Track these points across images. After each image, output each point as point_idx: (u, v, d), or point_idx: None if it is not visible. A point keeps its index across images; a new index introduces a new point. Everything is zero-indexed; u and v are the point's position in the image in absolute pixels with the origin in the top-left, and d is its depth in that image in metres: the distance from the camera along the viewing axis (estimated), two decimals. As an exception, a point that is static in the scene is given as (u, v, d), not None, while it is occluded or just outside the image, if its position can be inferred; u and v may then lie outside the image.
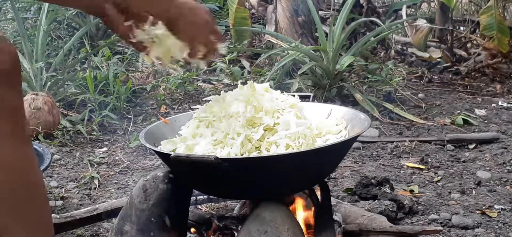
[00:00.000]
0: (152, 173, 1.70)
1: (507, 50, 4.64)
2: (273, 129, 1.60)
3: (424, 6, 6.21)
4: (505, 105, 4.04)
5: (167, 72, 4.36)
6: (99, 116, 3.53)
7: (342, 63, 3.77)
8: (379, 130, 3.44)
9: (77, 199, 2.50)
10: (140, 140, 1.68)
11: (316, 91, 3.84)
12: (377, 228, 1.86)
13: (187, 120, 1.82)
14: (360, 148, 3.12)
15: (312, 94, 2.18)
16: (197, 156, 1.46)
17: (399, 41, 5.56)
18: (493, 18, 4.57)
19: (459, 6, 5.72)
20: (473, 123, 3.57)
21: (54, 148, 3.13)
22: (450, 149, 3.11)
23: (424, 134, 3.39)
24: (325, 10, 5.31)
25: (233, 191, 1.65)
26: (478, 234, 2.12)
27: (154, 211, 1.64)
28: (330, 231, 1.68)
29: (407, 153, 3.06)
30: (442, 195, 2.49)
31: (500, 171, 2.78)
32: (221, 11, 5.73)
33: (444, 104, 4.02)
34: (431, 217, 2.25)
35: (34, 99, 3.24)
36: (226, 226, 1.80)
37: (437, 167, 2.85)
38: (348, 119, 1.80)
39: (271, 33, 4.58)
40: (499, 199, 2.44)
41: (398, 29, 5.66)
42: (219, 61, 4.43)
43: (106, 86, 3.86)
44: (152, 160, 2.99)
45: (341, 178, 2.69)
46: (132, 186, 2.64)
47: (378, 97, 3.93)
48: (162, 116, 3.00)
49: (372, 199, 2.32)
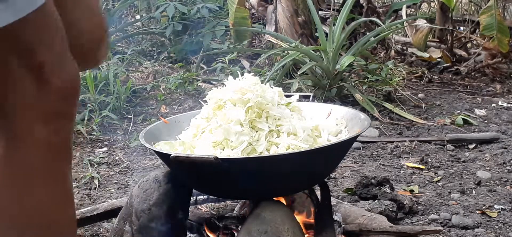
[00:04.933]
0: (152, 173, 1.71)
1: (507, 50, 4.64)
2: (274, 130, 1.60)
3: (424, 6, 6.22)
4: (505, 105, 4.04)
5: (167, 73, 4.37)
6: (99, 116, 3.53)
7: (342, 63, 3.77)
8: (379, 130, 3.43)
9: (77, 199, 2.50)
10: (140, 140, 1.68)
11: (316, 91, 3.84)
12: (377, 228, 1.86)
13: (187, 119, 1.82)
14: (360, 148, 3.12)
15: (312, 94, 2.18)
16: (197, 156, 1.46)
17: (399, 41, 5.56)
18: (493, 18, 4.57)
19: (459, 6, 5.72)
20: (473, 123, 3.57)
21: (54, 148, 3.13)
22: (450, 149, 3.11)
23: (424, 134, 3.39)
24: (325, 10, 5.31)
25: (233, 191, 1.65)
26: (478, 234, 2.12)
27: (154, 211, 1.64)
28: (330, 231, 1.68)
29: (407, 153, 3.06)
30: (442, 195, 2.49)
31: (500, 171, 2.78)
32: (221, 11, 5.73)
33: (444, 104, 4.02)
34: (431, 217, 2.25)
35: (34, 99, 3.24)
36: (226, 226, 1.80)
37: (437, 167, 2.85)
38: (348, 118, 1.80)
39: (271, 33, 4.58)
40: (499, 199, 2.44)
41: (398, 29, 5.66)
42: (219, 61, 4.43)
43: (106, 86, 3.85)
44: (152, 160, 2.99)
45: (341, 178, 2.69)
46: (132, 186, 2.64)
47: (378, 97, 3.93)
48: (162, 116, 3.00)
49: (372, 199, 2.32)
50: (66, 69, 1.06)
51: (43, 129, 1.04)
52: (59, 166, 1.09)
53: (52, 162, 1.07)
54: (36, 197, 1.07)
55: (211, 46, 4.77)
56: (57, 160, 1.08)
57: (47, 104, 1.03)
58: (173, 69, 4.58)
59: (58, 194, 1.10)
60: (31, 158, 1.05)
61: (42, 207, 1.08)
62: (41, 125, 1.04)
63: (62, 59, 1.05)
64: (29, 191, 1.07)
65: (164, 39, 5.17)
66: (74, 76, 1.07)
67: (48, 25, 1.02)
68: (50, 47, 1.02)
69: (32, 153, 1.05)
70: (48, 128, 1.04)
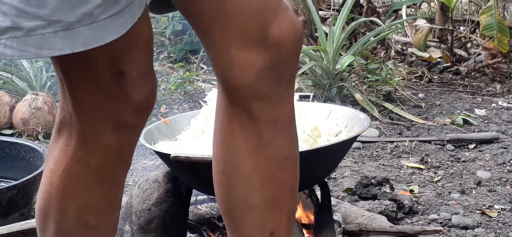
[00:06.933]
0: (152, 173, 1.71)
1: (507, 50, 4.64)
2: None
3: (424, 6, 6.21)
4: (505, 105, 4.04)
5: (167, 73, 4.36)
6: (99, 116, 3.53)
7: (342, 63, 3.77)
8: (379, 130, 3.43)
9: (77, 199, 2.50)
10: (140, 140, 1.68)
11: (316, 91, 3.84)
12: (377, 228, 1.86)
13: (187, 119, 1.82)
14: (360, 148, 3.12)
15: (312, 94, 2.18)
16: (197, 156, 1.46)
17: (399, 41, 5.56)
18: (493, 18, 4.57)
19: (459, 6, 5.72)
20: (473, 123, 3.57)
21: (54, 148, 3.13)
22: (450, 149, 3.11)
23: (424, 134, 3.39)
24: (325, 10, 5.31)
25: (233, 191, 1.65)
26: (478, 234, 2.12)
27: (154, 211, 1.64)
28: (330, 231, 1.68)
29: (407, 153, 3.06)
30: (442, 195, 2.49)
31: (500, 171, 2.78)
32: (221, 11, 5.73)
33: (444, 104, 4.02)
34: (431, 217, 2.25)
35: (34, 99, 3.24)
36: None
37: (437, 167, 2.85)
38: (348, 118, 1.80)
39: (271, 33, 4.57)
40: (499, 199, 2.44)
41: (398, 29, 5.66)
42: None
43: (106, 86, 3.85)
44: (152, 160, 2.99)
45: (341, 178, 2.69)
46: (132, 186, 2.64)
47: (378, 97, 3.93)
48: (162, 116, 3.00)
49: (372, 199, 2.32)
50: (146, 84, 1.07)
51: (111, 136, 1.07)
52: (116, 173, 1.14)
53: (111, 168, 1.12)
54: (88, 196, 1.12)
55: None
56: (116, 166, 1.13)
57: (121, 114, 1.06)
58: (173, 69, 4.58)
59: (107, 197, 1.15)
60: (94, 160, 1.09)
61: (90, 207, 1.13)
62: (110, 132, 1.07)
63: (144, 73, 1.06)
64: (87, 190, 1.12)
65: (164, 39, 5.17)
66: (152, 93, 1.09)
67: (135, 39, 1.02)
68: (134, 60, 1.03)
69: (96, 156, 1.09)
70: (116, 136, 1.07)
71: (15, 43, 0.88)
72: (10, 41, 0.88)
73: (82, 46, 0.90)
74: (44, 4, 0.86)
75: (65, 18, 0.87)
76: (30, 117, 3.18)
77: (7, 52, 0.88)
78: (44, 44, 0.88)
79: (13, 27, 0.87)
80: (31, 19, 0.87)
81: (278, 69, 1.06)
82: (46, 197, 1.14)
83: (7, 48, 0.88)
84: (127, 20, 0.94)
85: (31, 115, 3.19)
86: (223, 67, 1.07)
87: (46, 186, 1.14)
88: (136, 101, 1.05)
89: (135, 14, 0.95)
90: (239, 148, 1.11)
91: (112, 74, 1.02)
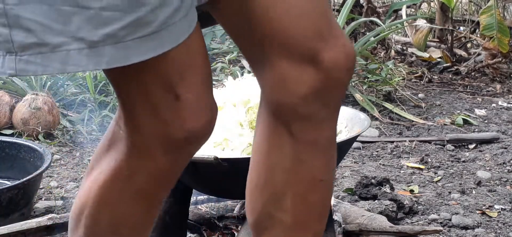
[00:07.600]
0: (152, 173, 1.70)
1: (507, 50, 4.64)
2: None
3: (424, 6, 6.21)
4: (505, 105, 4.04)
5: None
6: (99, 116, 3.53)
7: (342, 63, 3.77)
8: (379, 130, 3.43)
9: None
10: (140, 140, 1.68)
11: (316, 91, 3.84)
12: (377, 228, 1.87)
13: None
14: (360, 148, 3.12)
15: (312, 94, 2.17)
16: (197, 156, 1.46)
17: (399, 41, 5.56)
18: (493, 18, 4.57)
19: (459, 6, 5.71)
20: (473, 123, 3.57)
21: (54, 148, 3.12)
22: (450, 149, 3.11)
23: (424, 134, 3.39)
24: (325, 10, 5.30)
25: (233, 191, 1.65)
26: (478, 234, 2.12)
27: (154, 211, 1.63)
28: (330, 231, 1.68)
29: (407, 153, 3.06)
30: (442, 195, 2.49)
31: (500, 171, 2.78)
32: (221, 11, 5.73)
33: (444, 104, 4.02)
34: (431, 217, 2.25)
35: (34, 99, 3.24)
36: (226, 226, 1.81)
37: (437, 167, 2.85)
38: (348, 118, 1.80)
39: (271, 33, 4.57)
40: (499, 199, 2.44)
41: (398, 29, 5.66)
42: (219, 61, 4.43)
43: (106, 86, 3.85)
44: (152, 160, 2.99)
45: (341, 178, 2.69)
46: (132, 186, 2.64)
47: (378, 97, 3.93)
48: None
49: (372, 199, 2.32)
50: (205, 110, 1.04)
51: (161, 158, 1.04)
52: (159, 193, 1.13)
53: (154, 188, 1.10)
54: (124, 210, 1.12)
55: (211, 46, 4.77)
56: (160, 188, 1.11)
57: (175, 139, 1.03)
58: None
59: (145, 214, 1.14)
60: (140, 178, 1.07)
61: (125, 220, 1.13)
62: (160, 155, 1.04)
63: (201, 98, 1.03)
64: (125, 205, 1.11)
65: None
66: (211, 121, 1.05)
67: (189, 63, 1.00)
68: (190, 82, 1.00)
69: (142, 174, 1.07)
70: (166, 159, 1.05)
71: (40, 59, 0.88)
72: (34, 57, 0.88)
73: (105, 64, 0.89)
74: (69, 22, 0.87)
75: (89, 36, 0.87)
76: (30, 117, 3.18)
77: (29, 68, 0.88)
78: (68, 60, 0.88)
79: (39, 43, 0.87)
80: (57, 35, 0.87)
81: (325, 93, 1.06)
82: (83, 202, 1.13)
83: (29, 64, 0.88)
84: (165, 42, 0.92)
85: (31, 116, 3.19)
86: (271, 82, 1.07)
87: (84, 190, 1.13)
88: (192, 129, 1.02)
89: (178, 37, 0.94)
90: (275, 164, 1.12)
91: (167, 98, 0.99)
